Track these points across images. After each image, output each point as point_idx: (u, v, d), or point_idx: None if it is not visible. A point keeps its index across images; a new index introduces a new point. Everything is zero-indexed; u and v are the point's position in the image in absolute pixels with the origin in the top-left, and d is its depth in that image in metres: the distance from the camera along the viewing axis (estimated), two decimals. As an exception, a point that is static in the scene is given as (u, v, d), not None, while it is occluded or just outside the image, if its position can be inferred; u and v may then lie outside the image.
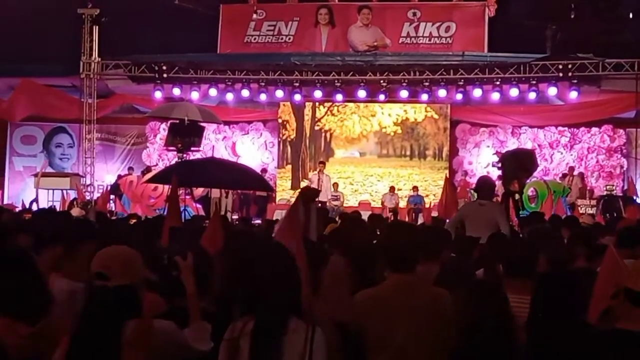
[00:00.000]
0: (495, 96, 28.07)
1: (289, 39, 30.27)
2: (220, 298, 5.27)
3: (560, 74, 27.39)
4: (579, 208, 25.26)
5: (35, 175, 28.08)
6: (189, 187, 21.51)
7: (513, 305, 5.07)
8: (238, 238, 6.86)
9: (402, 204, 28.05)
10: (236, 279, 4.48)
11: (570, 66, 27.29)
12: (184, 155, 22.69)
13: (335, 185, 27.84)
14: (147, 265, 4.70)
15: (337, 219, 15.01)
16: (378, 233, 10.25)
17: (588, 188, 27.80)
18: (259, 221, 20.52)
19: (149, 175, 24.09)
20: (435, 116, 29.97)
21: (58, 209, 22.99)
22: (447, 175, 24.98)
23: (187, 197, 22.54)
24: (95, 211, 16.12)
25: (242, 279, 4.43)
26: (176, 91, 29.00)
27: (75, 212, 19.20)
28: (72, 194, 27.02)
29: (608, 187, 27.31)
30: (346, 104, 30.00)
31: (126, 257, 4.60)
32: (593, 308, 4.47)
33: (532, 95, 27.99)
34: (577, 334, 4.29)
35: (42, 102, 29.71)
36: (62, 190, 27.26)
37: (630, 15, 28.19)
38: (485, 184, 12.24)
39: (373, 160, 30.48)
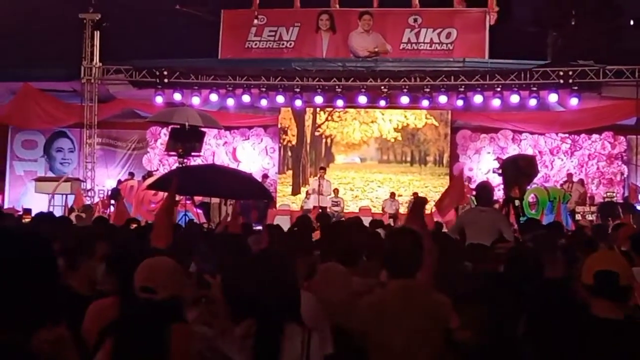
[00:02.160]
0: (496, 102, 28.08)
1: (290, 44, 30.28)
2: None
3: (561, 81, 27.42)
4: (578, 215, 25.28)
5: (40, 180, 28.16)
6: (188, 195, 21.47)
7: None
8: (235, 245, 6.91)
9: (403, 210, 28.02)
10: (235, 286, 4.48)
11: (570, 73, 27.31)
12: (185, 160, 22.69)
13: (336, 191, 27.82)
14: None
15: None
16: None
17: (589, 195, 27.79)
18: (259, 227, 20.50)
19: (149, 181, 24.07)
20: (436, 122, 29.93)
21: (60, 214, 22.95)
22: (456, 175, 24.85)
23: (188, 202, 22.54)
24: (95, 216, 16.10)
25: (241, 286, 4.43)
26: (177, 96, 28.98)
27: (73, 216, 19.18)
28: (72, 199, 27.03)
29: (608, 194, 27.31)
30: (347, 109, 29.98)
31: (170, 269, 4.64)
32: None
33: (532, 102, 27.99)
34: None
35: (41, 112, 29.78)
36: (62, 195, 27.26)
37: (631, 23, 28.21)
38: (484, 190, 12.20)
39: (373, 166, 30.46)
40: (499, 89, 27.94)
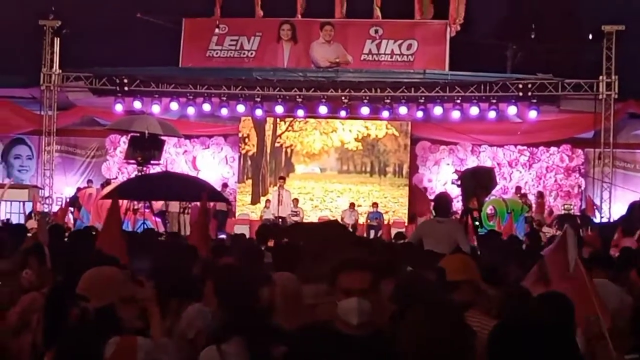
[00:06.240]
0: (456, 114, 28.26)
1: (251, 54, 30.21)
2: None
3: (520, 94, 27.61)
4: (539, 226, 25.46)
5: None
6: (145, 199, 21.41)
7: (474, 322, 5.04)
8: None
9: (362, 220, 28.10)
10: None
11: (530, 86, 27.51)
12: (144, 169, 22.61)
13: (295, 200, 27.84)
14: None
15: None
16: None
17: (547, 207, 28.00)
18: (223, 236, 20.52)
19: (107, 189, 23.95)
20: (396, 133, 29.99)
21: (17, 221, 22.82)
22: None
23: (147, 210, 22.44)
24: (51, 224, 15.99)
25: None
26: (137, 104, 28.88)
27: (31, 224, 19.06)
28: (30, 206, 26.86)
29: (566, 206, 27.54)
30: (307, 119, 29.98)
31: (106, 279, 4.72)
32: None
33: (492, 114, 28.17)
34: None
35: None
36: (19, 202, 27.04)
37: (590, 37, 28.47)
38: (441, 201, 12.26)
39: (333, 176, 30.46)
40: (458, 101, 28.14)
